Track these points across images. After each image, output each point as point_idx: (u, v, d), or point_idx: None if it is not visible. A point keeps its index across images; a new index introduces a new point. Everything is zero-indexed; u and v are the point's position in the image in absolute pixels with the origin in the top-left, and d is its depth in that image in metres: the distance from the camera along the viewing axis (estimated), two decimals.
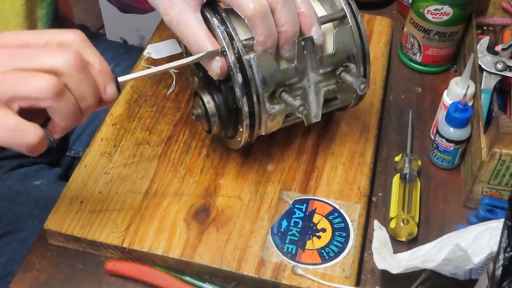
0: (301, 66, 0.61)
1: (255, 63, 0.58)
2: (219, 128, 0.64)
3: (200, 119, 0.65)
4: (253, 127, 0.62)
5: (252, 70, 0.58)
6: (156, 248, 0.62)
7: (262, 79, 0.59)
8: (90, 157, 0.71)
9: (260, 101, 0.60)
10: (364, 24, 0.90)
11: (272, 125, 0.63)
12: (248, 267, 0.61)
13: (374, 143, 0.74)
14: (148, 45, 0.87)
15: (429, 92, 0.85)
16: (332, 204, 0.66)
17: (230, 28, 0.58)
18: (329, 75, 0.63)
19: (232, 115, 0.63)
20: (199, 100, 0.64)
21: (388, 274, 0.58)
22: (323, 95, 0.64)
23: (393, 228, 0.65)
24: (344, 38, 0.63)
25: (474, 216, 0.67)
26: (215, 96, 0.63)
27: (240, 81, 0.58)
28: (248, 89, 0.59)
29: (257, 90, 0.59)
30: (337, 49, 0.62)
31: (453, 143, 0.70)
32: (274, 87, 0.60)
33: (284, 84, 0.60)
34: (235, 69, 0.58)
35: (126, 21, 1.73)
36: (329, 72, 0.63)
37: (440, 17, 0.80)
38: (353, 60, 0.64)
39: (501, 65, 0.73)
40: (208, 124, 0.64)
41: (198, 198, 0.67)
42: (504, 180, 0.66)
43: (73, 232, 0.64)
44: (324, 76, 0.63)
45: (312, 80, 0.62)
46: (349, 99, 0.67)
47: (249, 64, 0.58)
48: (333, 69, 0.63)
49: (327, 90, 0.64)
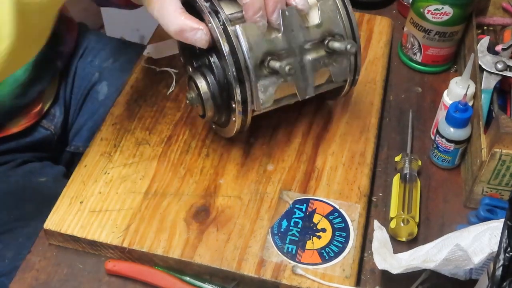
0: (287, 35, 0.62)
1: (240, 32, 0.60)
2: (213, 110, 0.65)
3: (194, 103, 0.66)
4: (245, 102, 0.62)
5: (239, 39, 0.60)
6: (156, 248, 0.62)
7: (248, 47, 0.60)
8: (90, 157, 0.71)
9: (249, 70, 0.61)
10: (364, 24, 0.91)
11: (265, 99, 0.63)
12: (248, 267, 0.61)
13: (374, 143, 0.74)
14: (148, 45, 0.87)
15: (429, 92, 0.85)
16: (332, 204, 0.66)
17: (215, 4, 0.61)
18: (318, 45, 0.65)
19: (224, 91, 0.63)
20: (192, 83, 0.65)
21: (388, 274, 0.58)
22: (313, 67, 0.65)
23: (393, 228, 0.65)
24: (329, 9, 0.65)
25: (474, 216, 0.67)
26: (208, 76, 0.64)
27: (227, 50, 0.60)
28: (235, 58, 0.60)
29: (245, 58, 0.61)
30: (323, 20, 0.64)
31: (453, 143, 0.70)
32: (262, 56, 0.61)
33: (272, 54, 0.62)
34: (221, 39, 0.60)
35: (126, 21, 1.72)
36: (317, 43, 0.65)
37: (440, 17, 0.80)
38: (340, 31, 0.65)
39: (501, 65, 0.73)
40: (202, 106, 0.65)
41: (198, 198, 0.67)
42: (504, 180, 0.66)
43: (73, 232, 0.64)
44: (312, 46, 0.64)
45: (301, 51, 0.64)
46: (343, 74, 0.68)
47: (235, 34, 0.60)
48: (321, 40, 0.65)
49: (317, 62, 0.65)
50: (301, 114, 0.77)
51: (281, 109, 0.76)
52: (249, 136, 0.74)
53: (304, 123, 0.76)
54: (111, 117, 0.77)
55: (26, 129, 0.85)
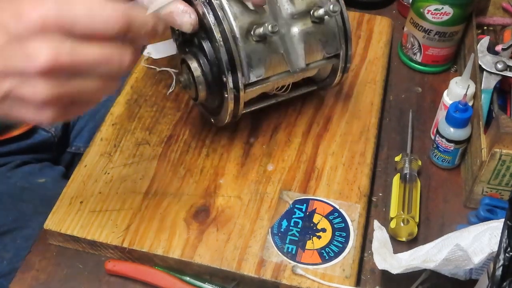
0: (272, 8, 0.64)
1: (226, 3, 0.62)
2: (205, 90, 0.66)
3: (187, 85, 0.67)
4: (235, 72, 0.63)
5: (223, 10, 0.62)
6: (156, 248, 0.62)
7: (233, 17, 0.62)
8: (90, 157, 0.71)
9: (236, 39, 0.62)
10: (364, 24, 0.91)
11: (255, 72, 0.64)
12: (248, 267, 0.61)
13: (374, 143, 0.74)
14: (148, 45, 0.87)
15: (429, 92, 0.85)
16: (332, 204, 0.66)
17: None
18: (304, 16, 0.66)
19: (215, 67, 0.64)
20: (184, 66, 0.66)
21: (388, 274, 0.58)
22: (302, 38, 0.66)
23: (393, 228, 0.65)
24: None
25: (474, 216, 0.67)
26: (199, 57, 0.65)
27: (212, 21, 0.61)
28: (221, 28, 0.61)
29: (231, 28, 0.62)
30: None
31: (453, 143, 0.70)
32: (247, 26, 0.63)
33: (258, 24, 0.63)
34: (206, 10, 0.61)
35: None
36: (303, 14, 0.66)
37: (440, 17, 0.80)
38: (326, 1, 0.66)
39: (501, 65, 0.73)
40: (194, 87, 0.66)
41: (198, 198, 0.67)
42: (504, 180, 0.66)
43: (73, 232, 0.64)
44: (298, 17, 0.66)
45: (287, 22, 0.65)
46: (333, 46, 0.68)
47: (220, 6, 0.62)
48: (307, 11, 0.66)
49: (305, 33, 0.66)
50: (301, 114, 0.77)
51: (281, 108, 0.76)
52: (249, 136, 0.74)
53: (304, 123, 0.76)
54: (111, 117, 0.77)
55: (27, 131, 0.85)
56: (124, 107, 0.78)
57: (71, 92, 0.44)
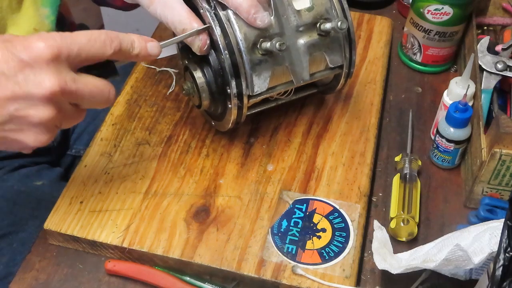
0: (279, 20, 0.63)
1: (232, 16, 0.62)
2: (209, 98, 0.66)
3: (190, 93, 0.67)
4: (240, 85, 0.63)
5: (230, 22, 0.61)
6: (156, 248, 0.62)
7: (240, 30, 0.61)
8: (90, 157, 0.71)
9: (241, 52, 0.62)
10: (364, 24, 0.91)
11: (259, 84, 0.64)
12: (248, 267, 0.61)
13: (374, 143, 0.74)
14: None
15: (429, 92, 0.85)
16: (332, 204, 0.66)
17: None
18: (310, 29, 0.65)
19: (219, 77, 0.64)
20: (188, 73, 0.66)
21: (388, 274, 0.58)
22: (307, 50, 0.65)
23: (393, 228, 0.65)
24: None
25: (474, 216, 0.67)
26: (203, 66, 0.65)
27: (219, 33, 0.61)
28: (228, 40, 0.61)
29: (237, 40, 0.61)
30: (314, 3, 0.65)
31: (453, 143, 0.70)
32: (254, 39, 0.62)
33: (265, 37, 0.63)
34: (213, 23, 0.61)
35: (126, 21, 1.73)
36: (309, 26, 0.65)
37: (440, 17, 0.80)
38: (332, 14, 0.66)
39: (501, 65, 0.73)
40: (198, 95, 0.66)
41: (198, 198, 0.67)
42: (504, 180, 0.66)
43: (73, 232, 0.64)
44: (304, 30, 0.65)
45: (294, 35, 0.65)
46: (337, 58, 0.68)
47: (227, 18, 0.61)
48: (314, 23, 0.65)
49: (310, 46, 0.65)
50: (301, 114, 0.77)
51: (281, 108, 0.76)
52: (249, 136, 0.74)
53: (304, 123, 0.76)
54: (111, 117, 0.77)
55: None
56: (124, 107, 0.78)
57: (65, 115, 0.52)
